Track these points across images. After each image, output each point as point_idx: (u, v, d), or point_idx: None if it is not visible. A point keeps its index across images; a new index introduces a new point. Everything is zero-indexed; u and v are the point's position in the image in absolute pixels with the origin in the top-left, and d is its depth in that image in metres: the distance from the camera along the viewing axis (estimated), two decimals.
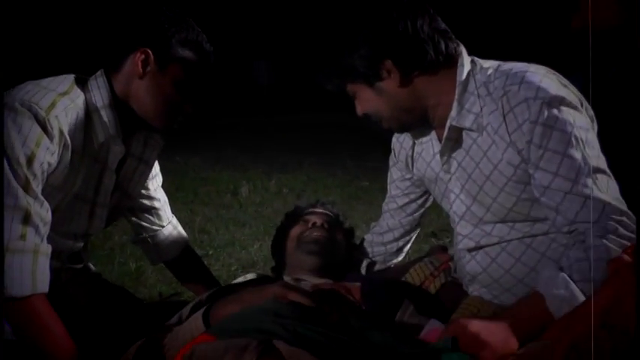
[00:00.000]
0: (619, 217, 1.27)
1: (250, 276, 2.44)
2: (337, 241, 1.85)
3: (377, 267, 1.91)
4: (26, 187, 1.41)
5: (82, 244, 1.73)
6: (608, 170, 1.34)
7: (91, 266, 1.87)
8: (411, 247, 1.96)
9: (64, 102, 1.50)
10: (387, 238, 1.88)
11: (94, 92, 1.56)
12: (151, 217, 1.92)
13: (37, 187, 1.44)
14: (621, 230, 1.26)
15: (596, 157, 1.34)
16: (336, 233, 1.88)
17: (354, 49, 1.45)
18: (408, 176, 1.77)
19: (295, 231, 1.88)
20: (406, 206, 1.82)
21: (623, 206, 1.30)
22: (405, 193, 1.81)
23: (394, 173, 1.82)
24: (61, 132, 1.47)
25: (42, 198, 1.45)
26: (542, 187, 1.35)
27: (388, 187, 1.85)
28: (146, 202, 1.89)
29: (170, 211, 1.99)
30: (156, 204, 1.92)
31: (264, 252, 3.23)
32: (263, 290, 1.44)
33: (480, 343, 1.20)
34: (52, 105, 1.47)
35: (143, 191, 1.87)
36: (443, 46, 1.45)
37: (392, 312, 1.48)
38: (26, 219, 1.41)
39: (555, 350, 1.09)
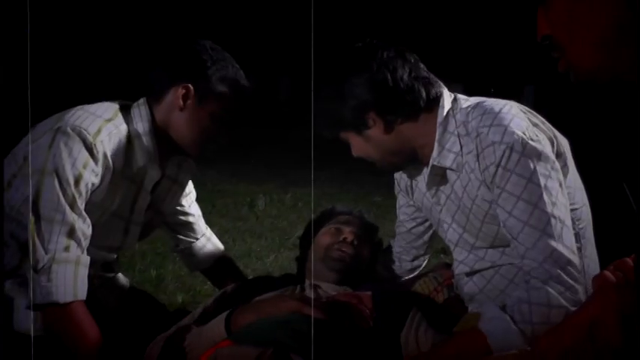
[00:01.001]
0: (563, 265, 1.35)
1: None
2: (362, 258, 1.87)
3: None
4: (72, 205, 1.57)
5: (115, 256, 1.88)
6: (563, 217, 1.41)
7: (122, 276, 2.00)
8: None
9: (108, 128, 1.64)
10: (402, 257, 1.98)
11: (137, 120, 1.70)
12: (186, 231, 2.07)
13: (81, 204, 1.58)
14: (564, 277, 1.34)
15: (552, 204, 1.40)
16: (364, 250, 1.89)
17: (341, 101, 1.55)
18: (412, 202, 1.86)
19: (325, 239, 1.88)
20: (414, 229, 1.91)
21: (572, 255, 1.38)
22: (412, 218, 1.90)
23: (400, 200, 1.92)
24: (105, 156, 1.61)
25: (85, 214, 1.60)
26: (502, 222, 1.45)
27: (397, 212, 1.95)
28: (181, 217, 2.03)
29: (204, 224, 2.12)
30: (190, 219, 2.06)
31: (280, 263, 3.35)
32: (281, 303, 1.54)
33: None
34: (99, 131, 1.61)
35: (178, 207, 2.00)
36: (423, 93, 1.54)
37: (401, 321, 1.58)
38: (71, 233, 1.57)
39: (547, 357, 1.19)
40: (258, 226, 4.16)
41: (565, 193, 1.47)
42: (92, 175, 1.60)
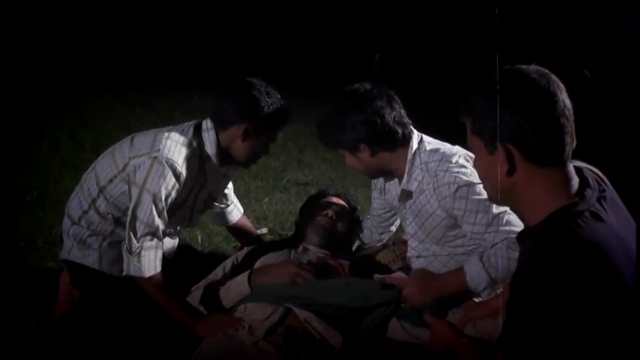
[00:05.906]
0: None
1: (264, 230, 3.34)
2: (337, 230, 2.60)
3: (362, 247, 2.73)
4: (160, 214, 2.20)
5: (179, 229, 2.59)
6: (508, 210, 2.06)
7: (177, 238, 2.70)
8: (390, 239, 2.79)
9: (188, 154, 2.23)
10: (373, 230, 2.70)
11: (207, 143, 2.30)
12: (221, 199, 2.75)
13: (165, 211, 2.21)
14: (515, 246, 1.94)
15: (497, 207, 2.04)
16: (340, 224, 2.61)
17: (343, 130, 2.17)
18: (383, 198, 2.55)
19: (313, 213, 2.64)
20: (383, 215, 2.64)
21: (520, 229, 1.95)
22: (382, 207, 2.61)
23: (374, 194, 2.61)
24: (186, 177, 2.23)
25: (166, 217, 2.23)
26: (469, 231, 2.12)
27: (372, 201, 2.65)
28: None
29: (233, 193, 2.80)
30: (226, 191, 2.73)
31: (274, 206, 3.96)
32: (286, 268, 2.26)
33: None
34: (184, 160, 2.21)
35: None
36: (400, 134, 2.18)
37: None
38: (155, 230, 2.21)
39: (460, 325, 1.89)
40: (253, 165, 4.73)
41: None
42: (176, 192, 2.23)
